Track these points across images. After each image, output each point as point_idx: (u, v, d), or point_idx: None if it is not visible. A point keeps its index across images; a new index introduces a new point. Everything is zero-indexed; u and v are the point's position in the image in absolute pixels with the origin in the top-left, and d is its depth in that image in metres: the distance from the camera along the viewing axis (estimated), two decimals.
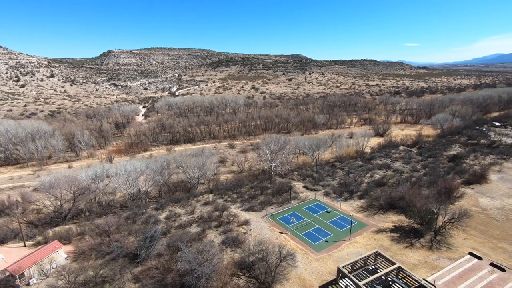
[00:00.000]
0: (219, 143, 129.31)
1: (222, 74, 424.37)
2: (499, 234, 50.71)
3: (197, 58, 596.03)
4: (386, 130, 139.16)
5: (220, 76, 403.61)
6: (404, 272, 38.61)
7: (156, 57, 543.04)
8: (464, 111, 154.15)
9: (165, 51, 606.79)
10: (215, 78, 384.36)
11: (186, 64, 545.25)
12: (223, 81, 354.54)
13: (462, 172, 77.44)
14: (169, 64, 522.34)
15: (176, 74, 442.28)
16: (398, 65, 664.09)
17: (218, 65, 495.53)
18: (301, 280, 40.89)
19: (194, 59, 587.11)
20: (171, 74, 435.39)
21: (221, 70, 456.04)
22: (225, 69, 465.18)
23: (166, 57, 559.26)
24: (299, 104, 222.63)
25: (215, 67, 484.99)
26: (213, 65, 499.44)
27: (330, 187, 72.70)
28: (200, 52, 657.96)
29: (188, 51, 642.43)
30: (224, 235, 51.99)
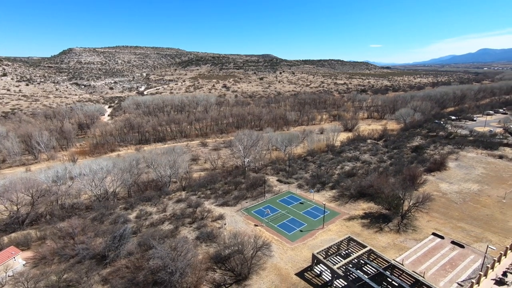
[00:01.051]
0: (191, 142, 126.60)
1: (193, 73, 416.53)
2: (458, 215, 54.54)
3: (166, 57, 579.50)
4: (354, 125, 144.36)
5: (190, 75, 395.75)
6: (375, 254, 40.14)
7: (122, 56, 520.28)
8: (424, 106, 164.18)
9: (132, 50, 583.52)
10: (185, 77, 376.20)
11: (154, 63, 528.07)
12: (193, 80, 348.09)
13: (424, 161, 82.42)
14: (136, 63, 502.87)
15: (144, 73, 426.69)
16: (364, 65, 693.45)
17: (188, 64, 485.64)
18: (277, 269, 41.01)
19: (162, 58, 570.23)
20: (138, 74, 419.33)
21: (191, 69, 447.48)
22: (195, 68, 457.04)
23: (132, 56, 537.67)
24: (271, 102, 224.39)
25: (185, 66, 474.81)
26: (183, 64, 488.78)
27: (303, 179, 73.89)
28: (169, 51, 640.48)
29: (156, 50, 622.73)
30: (198, 230, 50.84)
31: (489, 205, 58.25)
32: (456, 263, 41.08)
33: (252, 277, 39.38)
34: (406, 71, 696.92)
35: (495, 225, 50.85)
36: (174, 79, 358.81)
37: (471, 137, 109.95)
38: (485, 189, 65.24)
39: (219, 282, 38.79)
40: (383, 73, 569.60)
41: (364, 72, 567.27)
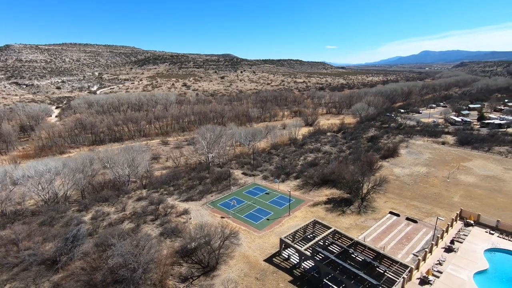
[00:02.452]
0: (151, 141, 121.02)
1: (150, 72, 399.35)
2: (411, 195, 58.92)
3: (120, 55, 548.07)
4: (314, 120, 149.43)
5: (147, 74, 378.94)
6: (339, 234, 41.61)
7: (70, 54, 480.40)
8: (376, 101, 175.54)
9: (81, 47, 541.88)
10: (142, 76, 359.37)
11: (107, 62, 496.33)
12: (151, 79, 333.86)
13: (379, 149, 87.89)
14: (87, 62, 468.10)
15: (96, 72, 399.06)
16: (321, 65, 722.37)
17: (145, 63, 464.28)
18: (246, 257, 40.59)
19: (117, 56, 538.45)
20: (89, 73, 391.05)
21: (149, 68, 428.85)
22: (153, 67, 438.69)
23: (82, 54, 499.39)
24: (233, 100, 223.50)
25: (141, 65, 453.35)
26: (139, 63, 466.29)
27: (268, 171, 74.41)
28: (123, 49, 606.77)
29: (109, 48, 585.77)
30: (161, 227, 48.49)
31: (436, 184, 63.84)
32: (411, 237, 44.23)
33: (220, 267, 38.47)
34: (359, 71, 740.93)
35: (442, 201, 55.80)
36: (130, 78, 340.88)
37: (418, 127, 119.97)
38: (432, 171, 71.41)
39: (186, 275, 37.27)
40: (339, 72, 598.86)
41: (321, 72, 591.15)
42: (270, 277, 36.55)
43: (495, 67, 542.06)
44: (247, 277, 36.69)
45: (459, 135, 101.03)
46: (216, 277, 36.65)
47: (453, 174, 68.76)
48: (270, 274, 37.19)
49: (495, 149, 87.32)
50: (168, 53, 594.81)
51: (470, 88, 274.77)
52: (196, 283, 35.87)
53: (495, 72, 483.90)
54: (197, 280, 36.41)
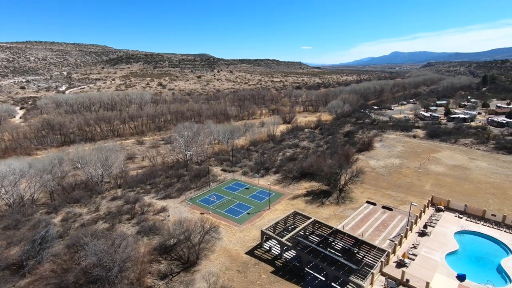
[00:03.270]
0: (126, 141, 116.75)
1: (123, 71, 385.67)
2: (386, 185, 61.01)
3: (90, 54, 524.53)
4: (292, 118, 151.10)
5: (120, 73, 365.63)
6: (319, 223, 42.15)
7: (35, 52, 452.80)
8: (351, 99, 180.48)
9: (47, 46, 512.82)
10: (115, 75, 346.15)
11: (77, 61, 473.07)
12: (124, 78, 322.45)
13: (354, 143, 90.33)
14: (54, 61, 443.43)
15: (65, 72, 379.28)
16: (297, 65, 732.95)
17: (117, 62, 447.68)
18: (227, 251, 40.04)
19: (87, 55, 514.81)
20: (57, 72, 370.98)
21: (122, 68, 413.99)
22: (126, 66, 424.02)
23: (49, 52, 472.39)
24: (210, 99, 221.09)
25: (114, 64, 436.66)
26: (112, 62, 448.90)
27: (247, 167, 74.11)
28: (94, 48, 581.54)
29: (78, 47, 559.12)
30: (138, 225, 46.76)
31: (409, 175, 66.60)
32: (387, 224, 45.74)
33: (201, 262, 37.66)
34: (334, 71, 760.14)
35: (415, 189, 58.27)
36: (102, 78, 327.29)
37: (390, 122, 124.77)
38: (404, 163, 74.44)
39: (165, 272, 36.10)
40: (314, 72, 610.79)
41: (298, 71, 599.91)
42: (252, 269, 36.27)
43: (459, 67, 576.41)
44: (228, 270, 36.17)
45: (428, 129, 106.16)
46: (197, 272, 35.82)
47: (424, 165, 72.05)
48: (252, 266, 36.91)
49: (460, 141, 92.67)
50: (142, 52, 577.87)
51: (436, 86, 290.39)
52: (176, 279, 34.85)
53: (459, 71, 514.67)
54: (177, 276, 35.39)
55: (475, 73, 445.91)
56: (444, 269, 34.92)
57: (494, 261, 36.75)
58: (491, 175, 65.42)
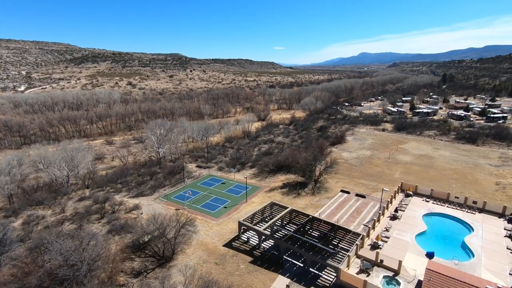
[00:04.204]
0: (94, 141, 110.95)
1: (89, 71, 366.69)
2: (358, 175, 62.98)
3: (52, 53, 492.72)
4: (267, 115, 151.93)
5: (86, 73, 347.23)
6: (296, 212, 42.49)
7: None
8: (323, 96, 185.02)
9: (3, 43, 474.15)
10: (80, 75, 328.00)
11: (37, 60, 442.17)
12: (91, 78, 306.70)
13: (328, 137, 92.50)
14: (11, 60, 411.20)
15: (24, 71, 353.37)
16: (270, 65, 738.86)
17: (82, 61, 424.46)
18: (204, 244, 39.14)
19: (48, 54, 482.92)
20: (15, 71, 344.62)
21: (88, 67, 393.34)
22: (92, 65, 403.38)
23: (4, 50, 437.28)
24: (183, 98, 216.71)
25: (78, 63, 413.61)
26: (76, 61, 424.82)
27: (223, 162, 73.22)
28: (56, 46, 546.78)
29: (38, 45, 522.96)
30: (109, 224, 44.39)
31: (379, 164, 69.29)
32: (361, 210, 47.15)
33: (177, 257, 36.46)
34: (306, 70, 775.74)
35: (385, 178, 60.69)
36: (66, 78, 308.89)
37: (361, 117, 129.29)
38: (375, 154, 77.39)
39: (139, 269, 34.54)
40: (287, 72, 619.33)
41: (271, 71, 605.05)
42: (230, 261, 35.70)
43: (421, 67, 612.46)
44: (206, 263, 35.33)
45: (396, 123, 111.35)
46: (173, 267, 34.62)
47: (393, 155, 75.35)
48: (230, 257, 36.34)
49: (425, 133, 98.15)
50: (110, 51, 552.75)
51: (402, 84, 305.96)
52: (151, 276, 33.45)
53: (421, 71, 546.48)
54: (153, 273, 33.99)
55: (435, 72, 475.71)
56: (414, 248, 36.56)
57: (458, 239, 39.10)
58: (453, 162, 69.83)
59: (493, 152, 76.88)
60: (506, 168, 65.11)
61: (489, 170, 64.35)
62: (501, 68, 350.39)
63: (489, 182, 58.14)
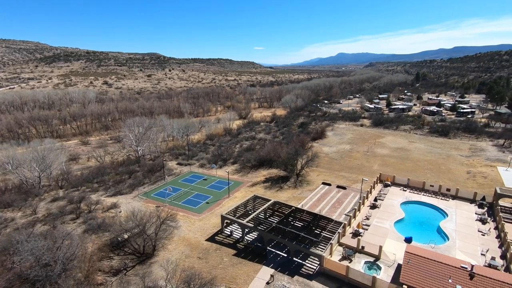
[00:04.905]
0: (68, 142, 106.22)
1: (62, 70, 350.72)
2: (339, 167, 64.19)
3: (20, 52, 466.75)
4: (248, 113, 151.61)
5: (58, 72, 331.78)
6: (279, 204, 42.59)
7: None
8: (303, 94, 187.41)
9: None
10: (52, 74, 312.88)
11: (3, 59, 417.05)
12: (64, 77, 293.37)
13: (308, 133, 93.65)
14: None
15: None
16: (251, 64, 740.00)
17: (54, 60, 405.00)
18: (186, 240, 38.34)
19: (16, 53, 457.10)
20: None
21: (60, 66, 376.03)
22: (65, 64, 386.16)
23: None
24: (162, 97, 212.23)
25: (50, 62, 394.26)
26: (47, 60, 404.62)
27: (204, 159, 72.25)
28: (24, 44, 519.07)
29: (5, 43, 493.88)
30: (85, 224, 42.49)
31: (358, 158, 70.97)
32: (342, 201, 48.01)
33: (158, 254, 35.45)
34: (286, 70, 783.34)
35: (364, 170, 62.20)
36: (36, 77, 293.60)
37: (340, 114, 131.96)
38: (354, 148, 79.22)
39: (118, 268, 33.24)
40: (268, 71, 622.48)
41: (251, 70, 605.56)
42: (213, 254, 35.16)
43: (396, 67, 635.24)
44: (188, 258, 34.60)
45: (373, 118, 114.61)
46: (155, 263, 33.63)
47: (371, 149, 77.43)
48: (213, 251, 35.81)
49: (401, 128, 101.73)
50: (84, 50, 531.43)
51: (378, 82, 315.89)
52: (132, 273, 32.30)
53: (396, 70, 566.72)
54: (133, 270, 32.83)
55: (409, 71, 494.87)
56: (393, 234, 37.66)
57: (434, 224, 40.72)
58: (427, 154, 72.79)
59: (463, 144, 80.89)
60: (476, 158, 68.69)
61: (460, 160, 67.62)
62: (469, 67, 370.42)
63: (460, 171, 61.07)
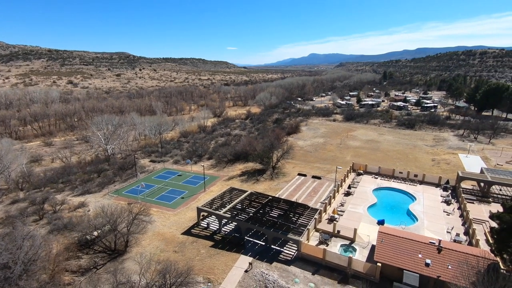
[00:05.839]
0: (29, 143, 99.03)
1: (21, 69, 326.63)
2: (313, 159, 65.33)
3: None
4: (222, 111, 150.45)
5: (17, 71, 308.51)
6: (256, 194, 42.38)
7: None
8: (277, 92, 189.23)
9: None
10: (9, 74, 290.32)
11: None
12: (23, 76, 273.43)
13: (283, 128, 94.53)
14: None
15: None
16: (224, 64, 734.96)
17: (11, 58, 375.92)
18: (161, 234, 37.01)
19: None
20: None
21: (18, 65, 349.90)
22: (24, 63, 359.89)
23: None
24: (133, 96, 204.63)
25: (6, 61, 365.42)
26: (3, 59, 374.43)
27: (178, 156, 70.47)
28: None
29: None
30: (50, 225, 39.73)
31: (332, 150, 72.73)
32: (317, 190, 48.84)
33: (131, 250, 33.89)
34: (260, 70, 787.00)
35: (338, 160, 63.76)
36: None
37: (313, 110, 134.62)
38: (328, 141, 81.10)
39: (87, 267, 31.35)
40: (241, 71, 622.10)
41: (225, 70, 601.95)
42: (189, 247, 34.21)
43: (364, 66, 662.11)
44: (164, 252, 33.39)
45: (345, 114, 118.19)
46: (127, 260, 32.09)
47: (344, 141, 79.70)
48: (190, 244, 34.85)
49: (371, 121, 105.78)
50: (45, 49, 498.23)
51: (348, 81, 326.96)
52: (102, 271, 30.58)
53: (365, 70, 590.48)
54: (103, 268, 31.11)
55: (377, 71, 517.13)
56: (367, 218, 38.87)
57: (404, 207, 42.58)
58: (395, 145, 76.21)
59: (428, 135, 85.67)
60: (439, 147, 73.01)
61: (425, 150, 71.50)
62: (430, 66, 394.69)
63: (426, 159, 64.56)
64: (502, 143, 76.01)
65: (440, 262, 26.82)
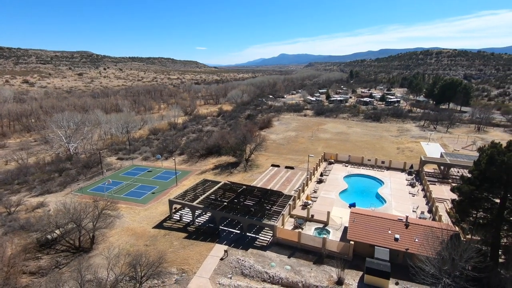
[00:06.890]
0: None
1: None
2: (286, 151, 66.05)
3: None
4: (193, 110, 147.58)
5: None
6: (229, 184, 41.78)
7: None
8: (249, 90, 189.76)
9: None
10: None
11: None
12: None
13: (256, 123, 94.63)
14: None
15: None
16: (194, 64, 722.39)
17: None
18: (131, 230, 35.23)
19: None
20: None
21: None
22: None
23: None
24: (97, 96, 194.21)
25: None
26: None
27: (148, 152, 67.76)
28: None
29: None
30: (4, 227, 36.20)
31: (304, 142, 74.02)
32: (291, 179, 49.35)
33: (98, 247, 31.89)
34: (231, 70, 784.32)
35: (310, 152, 64.35)
36: None
37: (285, 107, 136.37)
38: (299, 134, 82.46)
39: (48, 267, 28.98)
40: (212, 71, 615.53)
41: (195, 70, 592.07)
42: (162, 240, 32.89)
43: (332, 66, 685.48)
44: (134, 246, 31.77)
45: (315, 109, 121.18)
46: (94, 257, 30.12)
47: (315, 134, 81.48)
48: (162, 237, 33.52)
49: (340, 116, 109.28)
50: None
51: (317, 79, 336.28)
52: (66, 270, 28.40)
53: (333, 69, 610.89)
54: (67, 267, 28.94)
55: (344, 70, 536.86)
56: (339, 203, 39.87)
57: (373, 191, 44.31)
58: (363, 136, 79.32)
59: (392, 127, 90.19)
60: (403, 137, 77.13)
61: (391, 140, 75.17)
62: (393, 66, 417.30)
63: (392, 148, 67.85)
64: (458, 132, 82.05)
65: (408, 237, 28.10)
